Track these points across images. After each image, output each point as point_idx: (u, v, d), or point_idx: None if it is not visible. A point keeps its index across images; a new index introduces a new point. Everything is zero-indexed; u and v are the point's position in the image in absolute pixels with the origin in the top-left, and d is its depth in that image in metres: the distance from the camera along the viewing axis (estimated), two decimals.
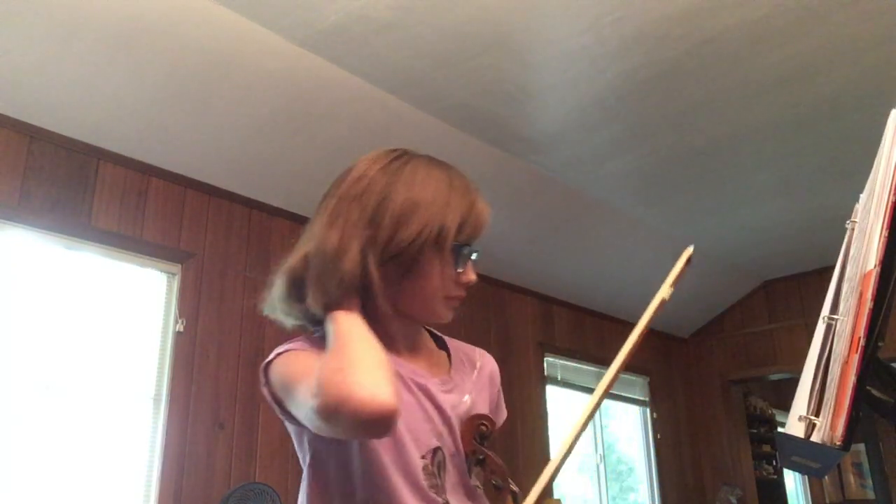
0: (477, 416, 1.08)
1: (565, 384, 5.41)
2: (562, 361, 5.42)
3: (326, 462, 1.05)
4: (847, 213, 1.25)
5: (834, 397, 0.96)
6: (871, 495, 6.10)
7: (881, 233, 0.99)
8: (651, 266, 5.43)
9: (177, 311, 3.36)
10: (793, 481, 7.84)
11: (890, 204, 0.99)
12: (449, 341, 1.21)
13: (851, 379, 0.93)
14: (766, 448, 6.93)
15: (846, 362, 0.95)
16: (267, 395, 1.04)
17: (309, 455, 1.06)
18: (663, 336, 6.43)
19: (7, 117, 3.01)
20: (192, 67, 3.05)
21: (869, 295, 0.95)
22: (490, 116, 3.68)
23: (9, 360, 2.90)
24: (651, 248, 5.08)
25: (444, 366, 1.16)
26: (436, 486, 1.05)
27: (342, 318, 0.99)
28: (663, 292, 1.03)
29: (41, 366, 2.98)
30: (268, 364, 1.04)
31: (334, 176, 1.17)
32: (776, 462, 6.86)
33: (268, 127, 3.42)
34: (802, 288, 6.03)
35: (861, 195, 1.21)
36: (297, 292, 1.05)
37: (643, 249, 5.07)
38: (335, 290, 1.00)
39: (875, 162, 1.13)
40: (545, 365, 5.26)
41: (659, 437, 6.03)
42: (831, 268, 1.22)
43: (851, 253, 1.15)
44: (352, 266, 1.00)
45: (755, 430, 6.81)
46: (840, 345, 1.01)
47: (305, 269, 1.04)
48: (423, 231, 1.02)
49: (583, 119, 3.77)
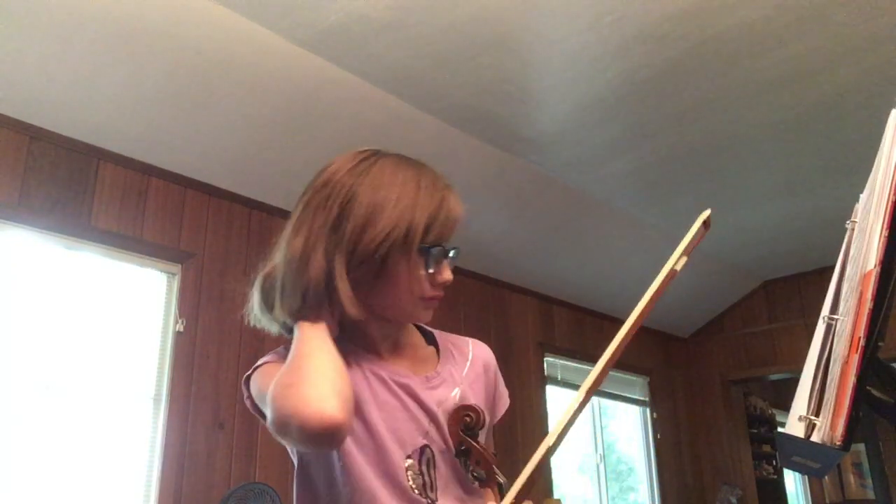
0: (461, 408, 1.06)
1: (565, 384, 5.41)
2: (562, 361, 5.42)
3: (312, 465, 1.05)
4: (847, 213, 1.25)
5: (834, 397, 0.96)
6: (871, 495, 6.11)
7: (881, 233, 0.99)
8: (651, 266, 5.40)
9: (177, 311, 3.36)
10: (793, 481, 7.85)
11: (890, 204, 0.99)
12: (438, 335, 1.20)
13: (851, 379, 0.93)
14: (766, 448, 6.93)
15: (846, 362, 0.95)
16: (250, 406, 1.05)
17: (296, 459, 1.08)
18: (663, 336, 6.43)
19: (7, 117, 3.01)
20: (192, 67, 3.05)
21: (869, 295, 0.95)
22: (490, 116, 3.68)
23: (9, 360, 2.90)
24: (651, 248, 5.08)
25: (432, 361, 1.14)
26: (424, 485, 1.03)
27: (304, 328, 1.00)
28: (674, 261, 1.01)
29: (41, 366, 2.97)
30: (248, 377, 1.06)
31: None
32: (776, 462, 6.86)
33: (268, 127, 3.42)
34: (802, 288, 6.03)
35: (861, 195, 1.21)
36: (268, 302, 1.05)
37: (643, 249, 5.07)
38: (300, 298, 1.01)
39: (875, 162, 1.13)
40: (545, 365, 5.26)
41: (659, 437, 6.03)
42: (831, 268, 1.22)
43: (851, 253, 1.15)
44: (317, 273, 1.00)
45: (755, 430, 6.81)
46: (840, 345, 1.01)
47: (274, 279, 1.04)
48: (389, 234, 1.01)
49: (583, 119, 3.77)
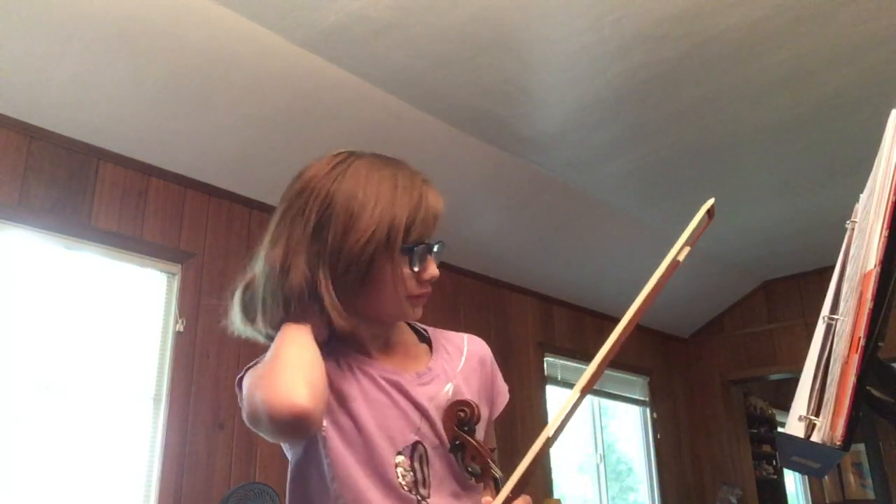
0: (456, 403, 1.05)
1: (565, 384, 5.40)
2: (562, 361, 5.42)
3: (305, 463, 1.06)
4: (847, 213, 1.25)
5: (834, 397, 0.96)
6: (871, 495, 6.11)
7: (881, 233, 0.98)
8: (651, 266, 5.41)
9: (177, 311, 3.36)
10: (793, 481, 7.85)
11: (890, 204, 0.99)
12: (432, 332, 1.19)
13: (851, 379, 0.93)
14: (766, 448, 6.93)
15: (846, 362, 0.95)
16: (242, 409, 1.06)
17: (290, 456, 1.09)
18: (663, 336, 6.43)
19: (7, 117, 3.01)
20: (192, 67, 3.05)
21: (869, 295, 0.95)
22: (490, 116, 3.68)
23: (9, 360, 2.90)
24: (651, 248, 5.07)
25: (424, 358, 1.14)
26: (416, 482, 1.03)
27: (285, 328, 1.01)
28: (676, 251, 1.00)
29: (41, 366, 2.97)
30: (240, 379, 1.08)
31: None
32: (776, 462, 6.86)
33: (268, 127, 3.42)
34: (802, 288, 6.03)
35: (861, 195, 1.21)
36: (250, 315, 1.06)
37: (643, 249, 5.06)
38: (282, 310, 1.01)
39: (875, 162, 1.13)
40: (545, 365, 5.26)
41: (659, 437, 6.03)
42: (831, 268, 1.22)
43: (851, 253, 1.15)
44: (299, 284, 1.00)
45: (755, 430, 6.82)
46: (840, 345, 1.01)
47: (255, 291, 1.04)
48: (371, 237, 1.01)
49: (583, 119, 3.77)
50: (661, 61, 3.32)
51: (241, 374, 1.08)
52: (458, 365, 1.15)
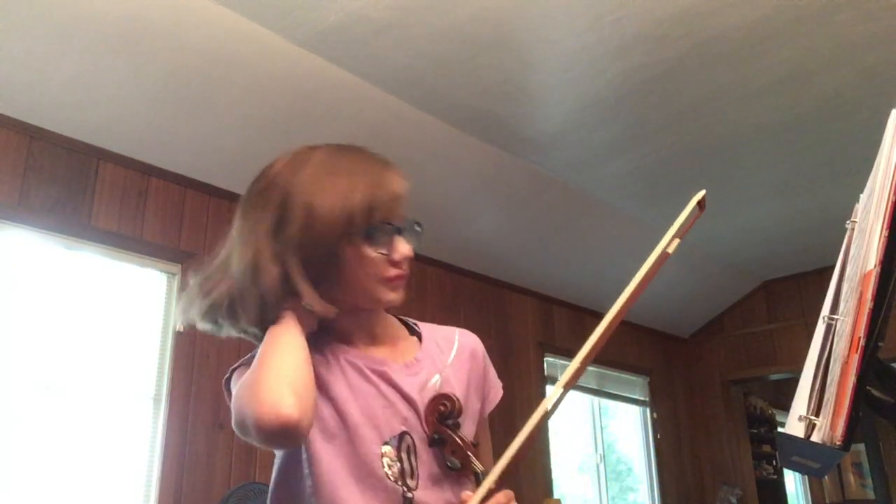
0: (438, 396, 1.04)
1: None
2: (562, 361, 5.42)
3: (287, 457, 1.07)
4: (847, 213, 1.25)
5: (834, 397, 0.96)
6: (871, 495, 6.11)
7: (881, 233, 0.98)
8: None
9: (177, 311, 3.36)
10: (793, 481, 7.85)
11: (890, 204, 0.99)
12: (423, 326, 1.19)
13: (851, 379, 0.93)
14: (766, 448, 6.93)
15: (846, 362, 0.95)
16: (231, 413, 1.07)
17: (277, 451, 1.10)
18: (663, 336, 6.43)
19: (7, 117, 3.01)
20: (192, 67, 3.05)
21: (869, 295, 0.95)
22: (490, 116, 3.68)
23: (9, 360, 2.90)
24: (651, 248, 5.07)
25: (413, 350, 1.14)
26: (402, 472, 1.02)
27: (272, 330, 1.01)
28: (665, 244, 1.00)
29: (41, 366, 2.97)
30: (227, 380, 1.08)
31: None
32: (776, 462, 6.86)
33: (268, 127, 3.42)
34: (802, 288, 6.03)
35: (861, 195, 1.21)
36: (233, 315, 1.06)
37: (643, 249, 5.04)
38: (259, 308, 1.02)
39: (875, 162, 1.13)
40: (545, 365, 5.26)
41: (659, 437, 6.03)
42: (831, 268, 1.22)
43: (851, 253, 1.15)
44: (272, 281, 1.00)
45: (755, 430, 6.81)
46: (840, 345, 1.01)
47: (232, 292, 1.05)
48: (330, 225, 1.01)
49: (583, 119, 3.77)
50: (661, 61, 3.32)
51: (228, 374, 1.08)
52: (449, 357, 1.15)
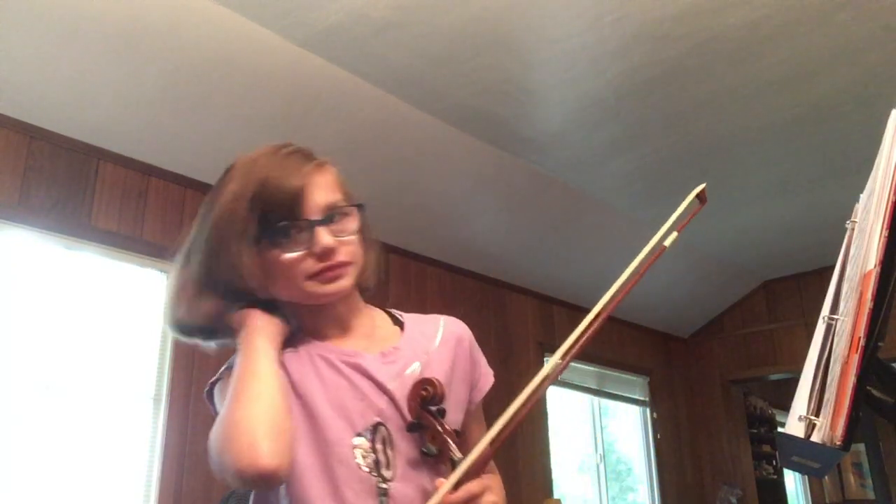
0: (420, 382, 1.02)
1: (565, 384, 5.40)
2: None
3: None
4: (847, 213, 1.25)
5: (834, 397, 0.96)
6: (871, 495, 6.11)
7: (881, 233, 0.98)
8: (651, 266, 5.42)
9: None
10: (793, 481, 7.84)
11: (890, 204, 0.99)
12: (408, 317, 1.18)
13: (851, 379, 0.93)
14: (766, 448, 6.92)
15: (846, 362, 0.95)
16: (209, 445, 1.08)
17: None
18: (663, 336, 6.43)
19: (7, 117, 3.01)
20: (192, 67, 3.05)
21: (869, 295, 0.95)
22: (490, 116, 3.68)
23: (9, 360, 2.89)
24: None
25: (393, 340, 1.12)
26: (378, 463, 1.01)
27: (243, 353, 1.01)
28: (661, 235, 0.99)
29: (41, 366, 2.97)
30: (209, 392, 1.08)
31: None
32: (776, 462, 6.86)
33: (268, 127, 3.42)
34: (802, 288, 6.02)
35: (861, 195, 1.21)
36: (204, 336, 1.10)
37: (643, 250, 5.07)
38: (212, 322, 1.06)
39: (875, 162, 1.13)
40: (545, 365, 5.25)
41: (659, 437, 6.03)
42: (831, 268, 1.22)
43: (851, 253, 1.15)
44: (202, 307, 1.07)
45: (755, 430, 6.81)
46: (840, 345, 1.01)
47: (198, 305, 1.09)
48: (220, 235, 1.03)
49: (583, 119, 3.77)
50: (661, 61, 3.32)
51: (208, 387, 1.08)
52: (433, 345, 1.13)
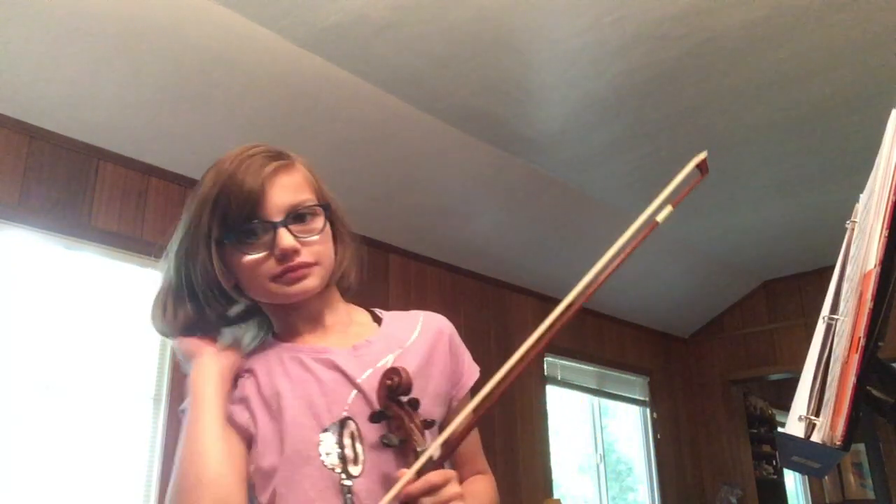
0: (387, 372, 1.00)
1: (565, 384, 5.41)
2: (562, 361, 5.42)
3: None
4: (847, 213, 1.25)
5: (834, 397, 0.96)
6: (871, 495, 6.10)
7: (881, 233, 0.98)
8: (651, 266, 5.43)
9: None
10: (793, 481, 7.84)
11: (890, 204, 0.99)
12: (388, 313, 1.18)
13: (851, 379, 0.93)
14: (766, 448, 6.92)
15: (846, 362, 0.95)
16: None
17: None
18: (663, 336, 6.43)
19: (7, 117, 3.01)
20: (191, 67, 3.05)
21: (869, 295, 0.95)
22: (490, 116, 3.68)
23: (9, 360, 2.89)
24: (651, 248, 5.07)
25: (368, 334, 1.12)
26: (344, 458, 1.00)
27: (190, 402, 1.03)
28: (655, 208, 0.97)
29: (41, 366, 2.97)
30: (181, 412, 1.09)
31: (334, 176, 1.18)
32: (776, 462, 6.86)
33: (268, 127, 3.42)
34: (802, 288, 6.03)
35: (861, 195, 1.21)
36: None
37: (643, 249, 5.05)
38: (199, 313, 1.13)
39: (875, 162, 1.13)
40: (545, 365, 5.26)
41: (659, 437, 6.03)
42: (831, 268, 1.22)
43: (851, 253, 1.15)
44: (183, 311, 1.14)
45: (755, 430, 6.81)
46: (840, 345, 1.01)
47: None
48: (195, 237, 1.07)
49: (583, 119, 3.77)
50: (661, 61, 3.32)
51: (179, 414, 1.09)
52: (409, 339, 1.12)
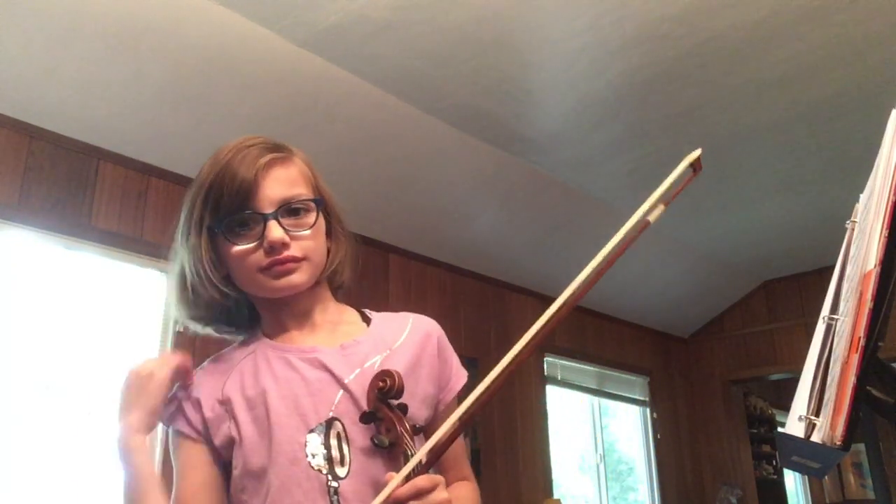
0: (379, 374, 1.00)
1: (565, 384, 5.41)
2: (562, 361, 5.42)
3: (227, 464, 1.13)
4: (847, 213, 1.25)
5: (834, 397, 0.96)
6: (871, 495, 6.11)
7: (881, 233, 0.98)
8: (651, 266, 5.43)
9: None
10: (793, 481, 7.85)
11: (890, 204, 0.99)
12: (378, 315, 1.17)
13: (851, 379, 0.93)
14: (766, 448, 6.93)
15: (846, 362, 0.95)
16: None
17: None
18: (663, 336, 6.43)
19: (7, 117, 3.01)
20: (192, 67, 3.05)
21: (869, 295, 0.95)
22: (490, 116, 3.68)
23: (9, 360, 2.90)
24: (651, 248, 5.08)
25: (356, 334, 1.11)
26: (331, 459, 0.99)
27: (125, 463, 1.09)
28: (647, 208, 0.97)
29: (41, 366, 2.98)
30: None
31: (334, 176, 1.18)
32: (776, 462, 6.86)
33: (268, 127, 3.42)
34: (802, 288, 6.03)
35: (861, 195, 1.21)
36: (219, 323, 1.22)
37: (643, 249, 5.07)
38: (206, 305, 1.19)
39: (875, 162, 1.13)
40: (545, 365, 5.26)
41: (659, 437, 6.03)
42: (831, 268, 1.22)
43: (851, 253, 1.15)
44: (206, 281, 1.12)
45: (755, 430, 6.82)
46: (840, 345, 1.01)
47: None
48: (190, 225, 1.08)
49: (583, 119, 3.77)
50: (661, 61, 3.32)
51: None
52: (397, 340, 1.11)
